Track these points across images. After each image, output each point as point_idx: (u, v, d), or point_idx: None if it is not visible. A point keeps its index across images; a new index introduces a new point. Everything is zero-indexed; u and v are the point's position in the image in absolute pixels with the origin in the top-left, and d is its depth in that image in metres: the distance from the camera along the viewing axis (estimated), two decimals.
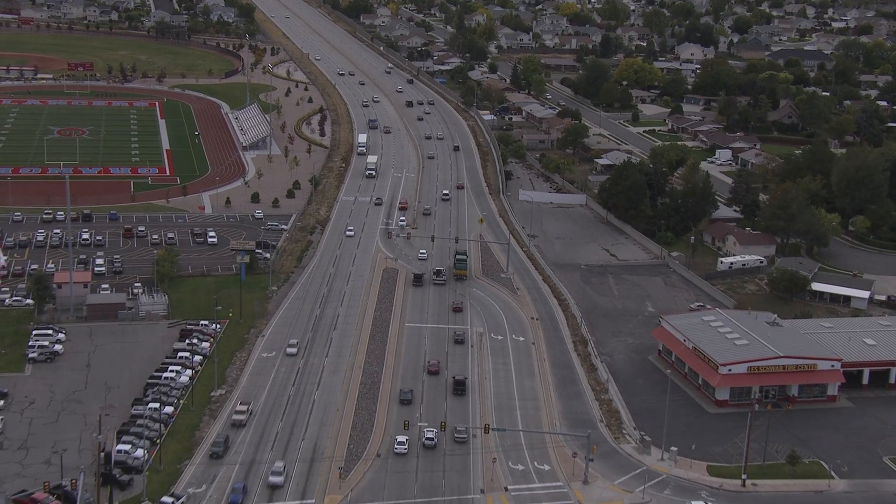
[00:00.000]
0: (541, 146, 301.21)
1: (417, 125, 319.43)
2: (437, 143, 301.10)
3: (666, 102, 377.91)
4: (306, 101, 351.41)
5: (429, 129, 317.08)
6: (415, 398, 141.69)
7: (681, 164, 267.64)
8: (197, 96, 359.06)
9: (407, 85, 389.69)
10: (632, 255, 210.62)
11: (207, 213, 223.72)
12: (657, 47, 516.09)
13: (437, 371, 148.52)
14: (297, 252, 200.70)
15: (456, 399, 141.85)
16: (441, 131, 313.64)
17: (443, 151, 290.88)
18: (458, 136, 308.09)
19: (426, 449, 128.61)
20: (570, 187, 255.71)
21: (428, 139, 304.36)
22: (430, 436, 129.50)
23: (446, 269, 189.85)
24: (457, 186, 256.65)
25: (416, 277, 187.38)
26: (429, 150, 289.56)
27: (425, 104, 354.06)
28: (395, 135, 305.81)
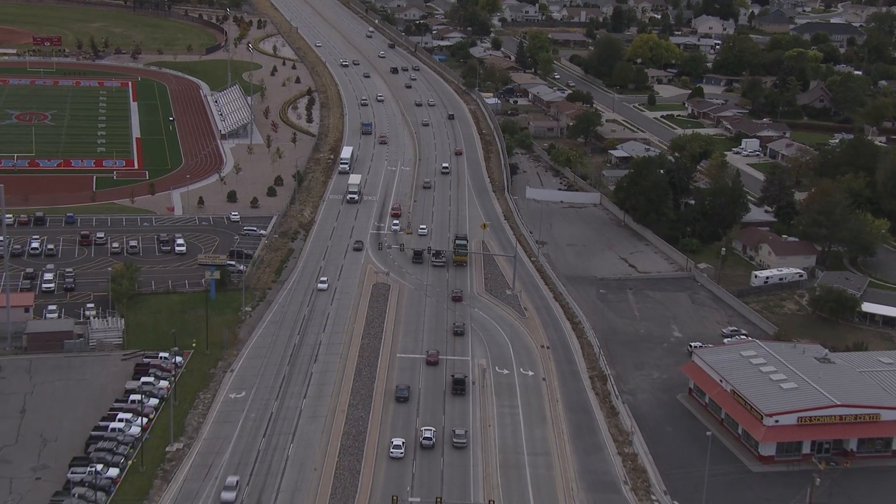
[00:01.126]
0: (549, 135, 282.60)
1: (415, 111, 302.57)
2: (429, 109, 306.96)
3: (685, 83, 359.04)
4: (293, 82, 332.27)
5: (418, 96, 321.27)
6: (411, 396, 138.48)
7: (705, 157, 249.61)
8: (174, 75, 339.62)
9: (389, 50, 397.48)
10: (653, 267, 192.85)
11: (177, 214, 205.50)
12: (672, 20, 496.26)
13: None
14: (276, 263, 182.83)
15: (455, 404, 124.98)
16: (432, 97, 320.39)
17: (437, 120, 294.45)
18: (457, 121, 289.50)
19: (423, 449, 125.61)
20: (582, 184, 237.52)
21: (418, 106, 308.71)
22: (429, 435, 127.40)
23: (446, 252, 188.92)
24: (455, 153, 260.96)
25: (416, 254, 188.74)
26: (422, 117, 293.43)
27: (410, 70, 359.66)
28: (390, 122, 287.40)
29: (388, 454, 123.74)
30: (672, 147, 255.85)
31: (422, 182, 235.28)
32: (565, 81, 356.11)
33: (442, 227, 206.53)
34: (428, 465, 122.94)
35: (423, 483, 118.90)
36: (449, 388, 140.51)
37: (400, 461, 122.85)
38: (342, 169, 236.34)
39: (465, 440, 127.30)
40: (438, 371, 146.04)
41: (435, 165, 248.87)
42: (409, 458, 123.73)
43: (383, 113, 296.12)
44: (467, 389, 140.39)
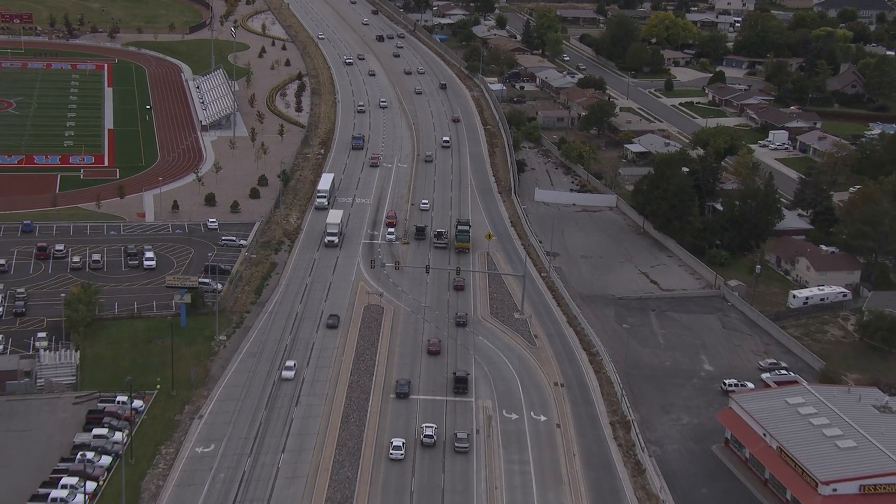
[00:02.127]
0: (559, 125, 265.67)
1: (404, 80, 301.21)
2: (420, 77, 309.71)
3: (703, 66, 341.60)
4: (283, 64, 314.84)
5: (406, 64, 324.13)
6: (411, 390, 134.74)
7: (730, 153, 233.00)
8: (154, 56, 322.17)
9: (372, 16, 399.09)
10: (678, 283, 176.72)
11: (148, 221, 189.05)
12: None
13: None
14: (256, 280, 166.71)
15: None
16: (421, 65, 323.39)
17: (428, 87, 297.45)
18: (459, 110, 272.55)
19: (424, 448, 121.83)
20: (596, 183, 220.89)
21: (408, 74, 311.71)
22: (430, 433, 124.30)
23: (447, 233, 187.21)
24: (452, 120, 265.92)
25: (419, 230, 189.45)
26: (414, 85, 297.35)
27: (395, 37, 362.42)
28: (387, 113, 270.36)
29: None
30: (694, 141, 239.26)
31: (423, 155, 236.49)
32: (575, 64, 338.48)
33: (444, 203, 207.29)
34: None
35: None
36: (451, 387, 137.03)
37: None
38: (319, 204, 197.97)
39: (468, 444, 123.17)
40: (436, 406, 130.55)
41: (435, 134, 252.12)
42: None
43: (375, 87, 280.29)
44: (470, 388, 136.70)
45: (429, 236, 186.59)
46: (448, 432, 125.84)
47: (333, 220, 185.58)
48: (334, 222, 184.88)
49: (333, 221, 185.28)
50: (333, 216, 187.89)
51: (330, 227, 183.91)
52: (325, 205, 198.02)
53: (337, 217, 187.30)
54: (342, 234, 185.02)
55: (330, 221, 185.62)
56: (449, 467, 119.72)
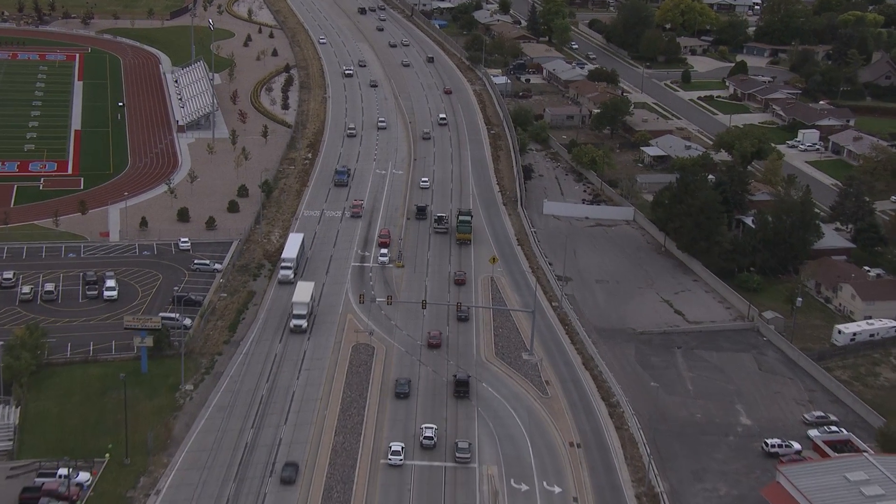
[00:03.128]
0: (569, 124, 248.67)
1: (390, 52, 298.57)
2: (405, 49, 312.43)
3: (722, 54, 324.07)
4: (270, 55, 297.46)
5: (390, 37, 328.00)
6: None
7: (758, 157, 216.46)
8: (131, 45, 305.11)
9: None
10: (705, 313, 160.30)
11: (113, 241, 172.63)
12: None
13: None
14: (231, 313, 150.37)
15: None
16: (406, 38, 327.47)
17: (415, 60, 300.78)
18: (460, 109, 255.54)
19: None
20: (610, 192, 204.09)
21: (392, 47, 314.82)
22: (430, 434, 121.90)
23: (448, 218, 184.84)
24: (444, 91, 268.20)
25: (420, 210, 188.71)
26: (402, 58, 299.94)
27: (377, 10, 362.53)
28: (382, 115, 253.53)
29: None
30: (718, 144, 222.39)
31: (420, 133, 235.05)
32: (585, 52, 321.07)
33: (444, 181, 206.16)
34: None
35: None
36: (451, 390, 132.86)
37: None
38: (283, 277, 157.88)
39: (469, 454, 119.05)
40: (434, 474, 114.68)
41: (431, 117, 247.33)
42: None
43: (373, 101, 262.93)
44: (472, 392, 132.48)
45: (429, 215, 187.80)
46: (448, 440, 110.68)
47: (301, 299, 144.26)
48: (302, 301, 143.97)
49: (301, 300, 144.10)
50: (301, 292, 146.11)
51: (297, 306, 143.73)
52: (291, 277, 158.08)
53: (306, 293, 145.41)
54: (313, 314, 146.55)
55: (297, 300, 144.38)
56: None
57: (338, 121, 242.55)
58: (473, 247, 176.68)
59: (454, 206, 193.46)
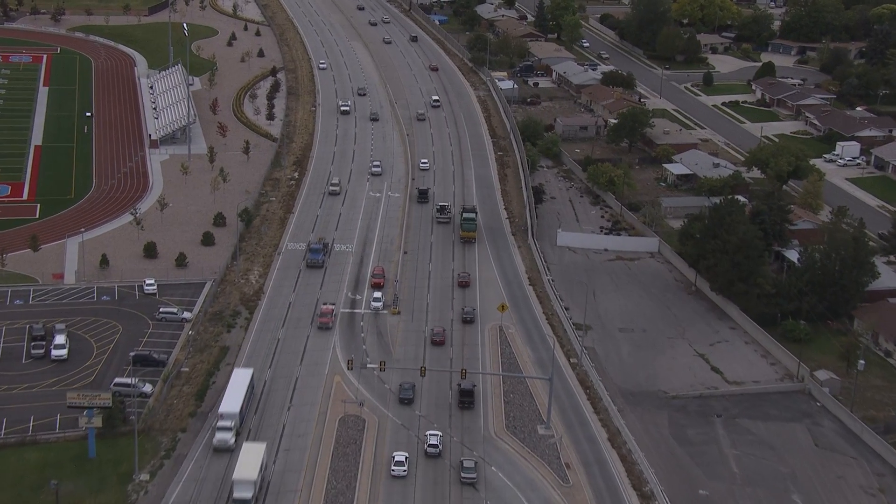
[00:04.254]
0: (582, 136, 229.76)
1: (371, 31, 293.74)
2: (385, 27, 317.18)
3: (746, 52, 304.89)
4: (255, 55, 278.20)
5: (371, 15, 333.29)
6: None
7: (795, 176, 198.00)
8: (105, 45, 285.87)
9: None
10: (747, 371, 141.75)
11: (68, 283, 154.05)
12: None
13: None
14: (199, 377, 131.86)
15: None
16: (386, 15, 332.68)
17: (399, 40, 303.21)
18: (462, 118, 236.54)
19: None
20: (631, 219, 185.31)
21: (373, 25, 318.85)
22: (434, 442, 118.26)
23: (451, 207, 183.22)
24: (430, 68, 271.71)
25: (421, 193, 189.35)
26: (384, 35, 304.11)
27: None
28: (379, 125, 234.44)
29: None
30: (749, 161, 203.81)
31: (415, 114, 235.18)
32: (597, 52, 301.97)
33: (445, 163, 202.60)
34: None
35: None
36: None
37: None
38: (219, 442, 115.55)
39: (475, 475, 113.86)
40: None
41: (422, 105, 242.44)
42: None
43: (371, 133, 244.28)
44: (476, 401, 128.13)
45: (431, 196, 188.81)
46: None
47: (245, 476, 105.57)
48: (247, 479, 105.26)
49: (245, 478, 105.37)
50: (245, 466, 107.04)
51: (239, 487, 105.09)
52: (231, 443, 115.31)
53: (252, 467, 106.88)
54: (258, 497, 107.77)
55: (239, 478, 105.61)
56: None
57: (328, 133, 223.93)
58: (479, 287, 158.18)
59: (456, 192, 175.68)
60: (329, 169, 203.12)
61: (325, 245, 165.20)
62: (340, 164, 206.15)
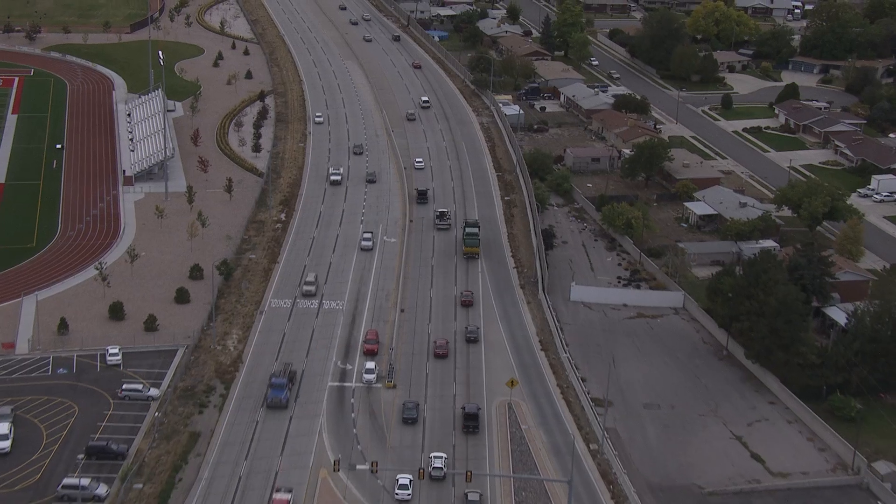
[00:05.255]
0: (594, 168, 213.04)
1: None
2: (367, 24, 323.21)
3: (765, 71, 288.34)
4: (243, 77, 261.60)
5: (351, 15, 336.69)
6: None
7: (831, 217, 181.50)
8: (83, 66, 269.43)
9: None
10: (793, 458, 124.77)
11: (20, 353, 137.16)
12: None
13: None
14: (164, 471, 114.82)
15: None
16: (366, 12, 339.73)
17: (379, 36, 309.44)
18: (465, 149, 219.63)
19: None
20: (652, 268, 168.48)
21: (354, 24, 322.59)
22: (439, 465, 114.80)
23: (451, 213, 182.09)
24: (413, 66, 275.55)
25: (420, 194, 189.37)
26: (364, 34, 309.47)
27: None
28: (371, 156, 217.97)
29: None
30: (779, 199, 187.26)
31: (405, 114, 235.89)
32: (607, 71, 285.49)
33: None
34: None
35: None
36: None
37: None
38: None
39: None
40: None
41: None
42: None
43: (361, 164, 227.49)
44: (482, 424, 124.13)
45: (429, 197, 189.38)
46: None
47: None
48: None
49: None
50: None
51: None
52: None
53: None
54: None
55: None
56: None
57: (318, 167, 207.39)
58: (485, 353, 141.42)
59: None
60: (319, 210, 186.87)
61: (290, 375, 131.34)
62: (331, 202, 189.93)
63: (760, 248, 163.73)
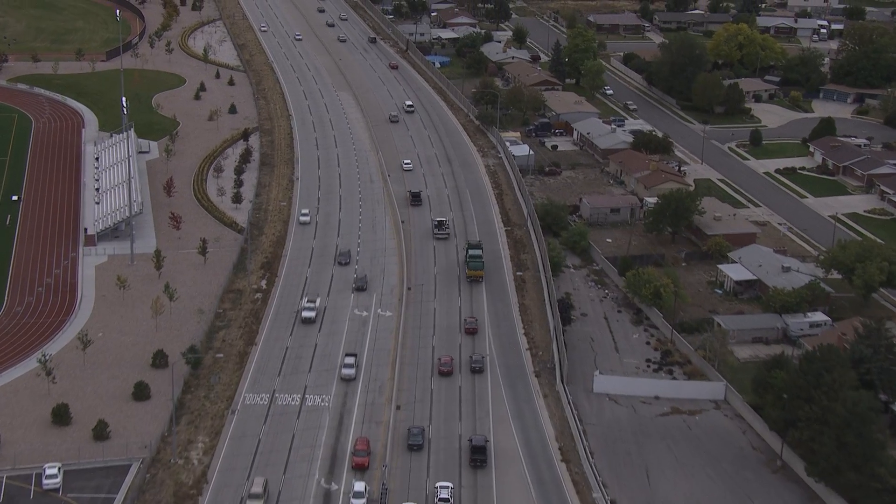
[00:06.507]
0: (613, 219, 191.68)
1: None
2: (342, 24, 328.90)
3: (795, 101, 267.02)
4: (226, 112, 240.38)
5: (329, 17, 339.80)
6: None
7: (889, 285, 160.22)
8: (51, 99, 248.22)
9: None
10: None
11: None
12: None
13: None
14: None
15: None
16: (344, 13, 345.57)
17: (356, 39, 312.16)
18: (468, 197, 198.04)
19: None
20: (685, 348, 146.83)
21: (330, 27, 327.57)
22: (446, 496, 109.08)
23: (448, 222, 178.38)
24: (390, 66, 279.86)
25: (414, 196, 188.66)
26: (339, 34, 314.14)
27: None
28: (365, 205, 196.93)
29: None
30: (828, 263, 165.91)
31: (388, 116, 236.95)
32: (622, 101, 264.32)
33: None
34: None
35: None
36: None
37: None
38: None
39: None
40: None
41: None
42: None
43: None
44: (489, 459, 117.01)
45: (424, 200, 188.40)
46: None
47: None
48: None
49: None
50: None
51: None
52: None
53: None
54: None
55: None
56: None
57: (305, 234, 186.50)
58: (496, 470, 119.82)
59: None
60: (305, 275, 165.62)
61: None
62: (319, 264, 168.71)
63: (809, 323, 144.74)
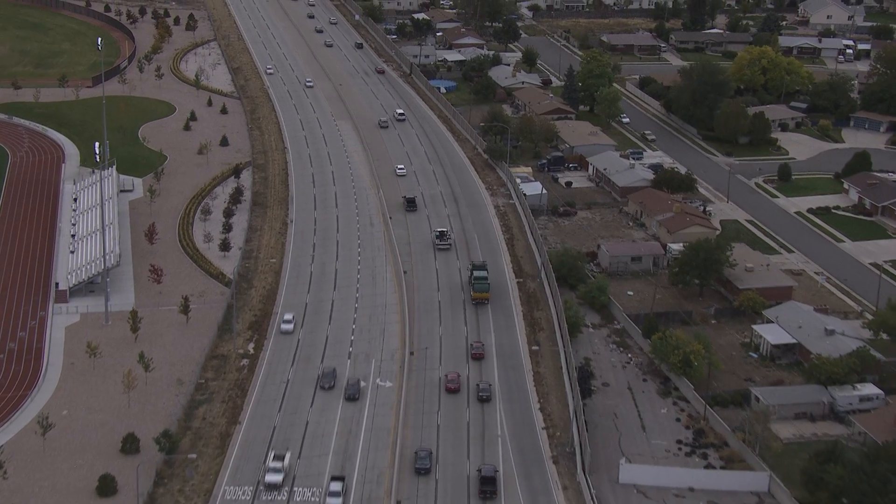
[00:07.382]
0: (634, 268, 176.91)
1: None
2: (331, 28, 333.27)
3: (824, 130, 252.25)
4: (217, 144, 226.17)
5: (318, 23, 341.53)
6: None
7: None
8: (31, 130, 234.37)
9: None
10: None
11: None
12: (771, 2, 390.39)
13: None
14: None
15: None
16: (334, 16, 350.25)
17: (344, 44, 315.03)
18: (476, 241, 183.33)
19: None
20: (721, 428, 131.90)
21: (320, 33, 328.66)
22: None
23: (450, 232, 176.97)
24: (377, 71, 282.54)
25: (409, 202, 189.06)
26: (326, 39, 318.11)
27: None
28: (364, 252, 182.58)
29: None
30: (877, 324, 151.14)
31: (377, 121, 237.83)
32: (640, 130, 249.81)
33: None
34: None
35: None
36: None
37: None
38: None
39: None
40: None
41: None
42: None
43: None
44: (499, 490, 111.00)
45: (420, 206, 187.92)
46: None
47: None
48: None
49: None
50: None
51: None
52: None
53: None
54: None
55: None
56: None
57: (300, 269, 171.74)
58: None
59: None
60: (297, 339, 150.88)
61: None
62: (312, 322, 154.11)
63: (859, 397, 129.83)
